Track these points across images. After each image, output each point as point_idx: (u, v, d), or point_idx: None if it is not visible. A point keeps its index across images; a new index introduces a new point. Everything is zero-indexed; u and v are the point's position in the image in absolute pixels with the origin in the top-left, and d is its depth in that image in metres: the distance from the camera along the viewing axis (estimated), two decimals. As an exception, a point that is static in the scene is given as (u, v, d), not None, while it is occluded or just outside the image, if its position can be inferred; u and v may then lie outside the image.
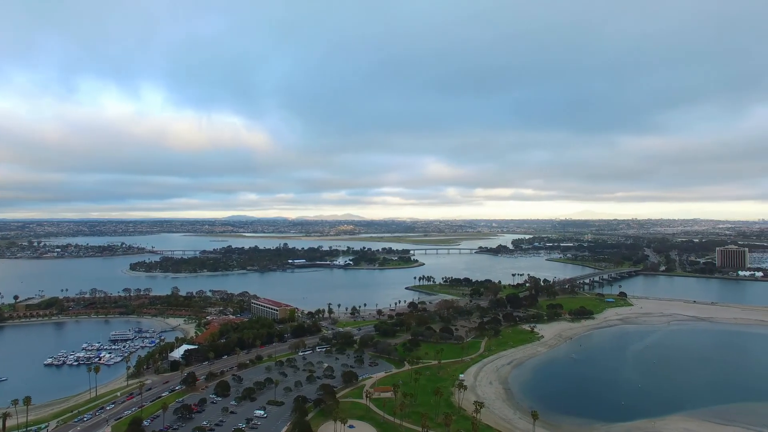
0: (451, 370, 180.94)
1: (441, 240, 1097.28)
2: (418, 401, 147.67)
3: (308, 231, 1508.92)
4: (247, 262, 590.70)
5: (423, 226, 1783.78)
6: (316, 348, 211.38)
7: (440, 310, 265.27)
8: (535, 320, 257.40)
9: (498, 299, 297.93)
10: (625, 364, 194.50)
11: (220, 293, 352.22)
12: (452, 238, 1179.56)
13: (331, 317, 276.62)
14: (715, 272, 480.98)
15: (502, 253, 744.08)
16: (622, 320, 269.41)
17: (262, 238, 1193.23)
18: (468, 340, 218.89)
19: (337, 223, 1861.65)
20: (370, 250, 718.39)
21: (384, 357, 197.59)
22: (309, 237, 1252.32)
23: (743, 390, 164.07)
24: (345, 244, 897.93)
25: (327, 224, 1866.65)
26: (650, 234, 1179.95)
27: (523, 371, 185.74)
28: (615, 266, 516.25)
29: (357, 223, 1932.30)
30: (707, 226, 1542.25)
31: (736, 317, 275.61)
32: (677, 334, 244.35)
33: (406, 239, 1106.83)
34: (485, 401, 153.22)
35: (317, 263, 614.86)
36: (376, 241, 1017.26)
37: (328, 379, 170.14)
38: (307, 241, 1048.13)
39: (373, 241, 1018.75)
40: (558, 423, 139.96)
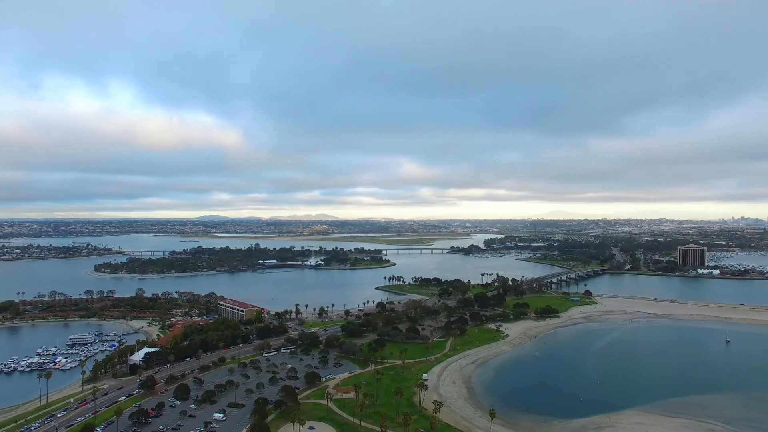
0: (415, 370, 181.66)
1: (414, 240, 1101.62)
2: (380, 401, 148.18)
3: (281, 231, 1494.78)
4: (216, 263, 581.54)
5: (397, 226, 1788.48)
6: (281, 349, 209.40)
7: (408, 310, 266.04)
8: (502, 319, 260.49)
9: (466, 299, 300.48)
10: (586, 361, 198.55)
11: (186, 294, 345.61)
12: (425, 238, 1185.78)
13: (298, 318, 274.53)
14: (677, 270, 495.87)
15: (473, 252, 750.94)
16: (585, 318, 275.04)
17: (234, 238, 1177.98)
18: (434, 340, 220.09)
19: (311, 223, 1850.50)
20: (342, 251, 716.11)
21: (349, 357, 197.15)
22: (282, 237, 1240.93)
23: (692, 383, 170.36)
24: (317, 244, 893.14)
25: (300, 224, 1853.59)
26: (618, 233, 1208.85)
27: (486, 370, 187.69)
28: (582, 265, 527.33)
29: (331, 223, 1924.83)
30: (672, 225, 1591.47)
31: (692, 314, 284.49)
32: (637, 331, 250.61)
33: (379, 239, 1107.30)
34: (447, 400, 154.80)
35: (288, 263, 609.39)
36: (350, 241, 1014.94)
37: (292, 380, 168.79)
38: (280, 241, 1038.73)
39: (347, 241, 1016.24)
40: (517, 420, 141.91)
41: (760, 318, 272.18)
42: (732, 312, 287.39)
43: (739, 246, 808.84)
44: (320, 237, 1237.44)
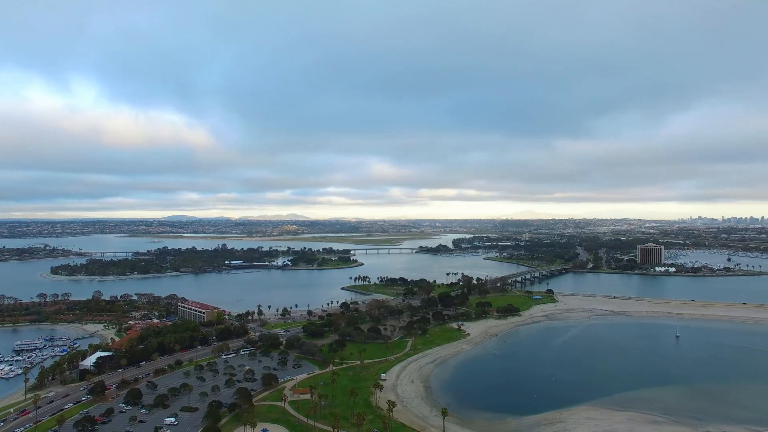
0: (374, 370, 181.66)
1: (383, 240, 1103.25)
2: (336, 402, 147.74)
3: (250, 231, 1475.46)
4: (181, 264, 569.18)
5: (367, 226, 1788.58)
6: (241, 351, 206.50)
7: (371, 310, 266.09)
8: (464, 318, 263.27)
9: (430, 298, 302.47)
10: (544, 359, 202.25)
11: (146, 296, 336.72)
12: (395, 238, 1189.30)
13: (260, 319, 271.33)
14: (636, 268, 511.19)
15: (441, 252, 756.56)
16: (546, 316, 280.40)
17: (201, 238, 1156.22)
18: (395, 340, 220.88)
19: (281, 223, 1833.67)
20: (311, 251, 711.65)
21: (308, 358, 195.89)
22: (251, 237, 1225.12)
23: (642, 378, 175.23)
24: (286, 244, 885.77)
25: (270, 224, 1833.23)
26: (584, 233, 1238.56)
27: (445, 369, 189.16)
28: (547, 264, 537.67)
29: (301, 223, 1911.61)
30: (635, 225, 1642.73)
31: (647, 310, 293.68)
32: (595, 328, 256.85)
33: (348, 239, 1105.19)
34: (404, 400, 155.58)
35: (255, 264, 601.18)
36: (319, 241, 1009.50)
37: (249, 382, 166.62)
38: (249, 241, 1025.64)
39: (316, 241, 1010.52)
40: (472, 418, 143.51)
41: (708, 313, 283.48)
42: (683, 308, 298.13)
43: (695, 244, 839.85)
44: (290, 237, 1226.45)
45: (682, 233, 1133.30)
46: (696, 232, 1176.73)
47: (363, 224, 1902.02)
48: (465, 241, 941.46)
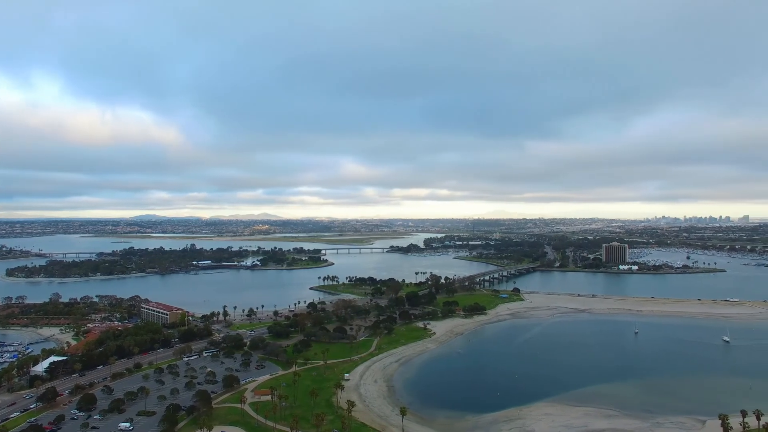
0: (338, 370, 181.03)
1: (355, 239, 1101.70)
2: (297, 403, 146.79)
3: (221, 231, 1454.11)
4: (147, 265, 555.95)
5: (340, 225, 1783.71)
6: (204, 352, 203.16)
7: (337, 310, 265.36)
8: (430, 317, 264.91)
9: (398, 298, 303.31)
10: (507, 357, 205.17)
11: (108, 298, 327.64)
12: (367, 238, 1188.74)
13: (225, 320, 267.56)
14: (601, 267, 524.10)
15: (412, 252, 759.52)
16: (511, 315, 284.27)
17: (170, 238, 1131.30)
18: (360, 340, 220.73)
19: (253, 223, 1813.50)
20: (281, 251, 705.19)
21: (272, 359, 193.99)
22: (221, 237, 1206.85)
23: (601, 373, 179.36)
24: (257, 244, 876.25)
25: (242, 224, 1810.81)
26: (553, 232, 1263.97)
27: (409, 368, 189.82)
28: (515, 263, 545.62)
29: (273, 222, 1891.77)
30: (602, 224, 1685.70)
31: (609, 307, 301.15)
32: (558, 326, 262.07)
33: (320, 239, 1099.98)
34: (366, 399, 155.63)
35: (223, 264, 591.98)
36: (291, 241, 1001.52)
37: (210, 384, 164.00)
38: (219, 241, 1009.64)
39: (288, 241, 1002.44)
40: (433, 417, 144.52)
41: (666, 309, 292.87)
42: (643, 305, 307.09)
43: (658, 243, 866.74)
44: (261, 237, 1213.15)
45: (646, 232, 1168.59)
46: (659, 231, 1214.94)
47: (335, 224, 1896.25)
48: (436, 241, 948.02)
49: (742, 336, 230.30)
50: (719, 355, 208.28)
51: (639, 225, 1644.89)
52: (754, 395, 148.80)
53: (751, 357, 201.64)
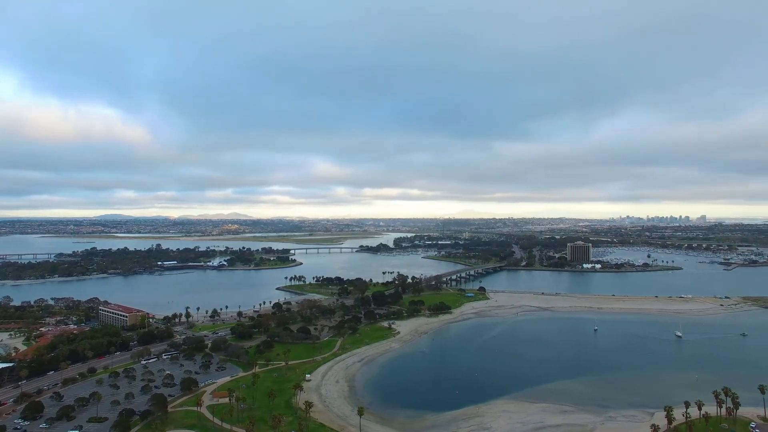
0: (300, 371, 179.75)
1: (325, 239, 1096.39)
2: (256, 405, 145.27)
3: (189, 231, 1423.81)
4: (109, 265, 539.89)
5: (310, 225, 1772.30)
6: (163, 355, 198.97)
7: (302, 310, 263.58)
8: (395, 317, 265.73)
9: (364, 297, 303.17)
10: (470, 355, 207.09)
11: (64, 301, 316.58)
12: (337, 237, 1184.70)
13: (188, 321, 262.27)
14: (566, 265, 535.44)
15: (381, 251, 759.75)
16: (476, 314, 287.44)
17: (136, 238, 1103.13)
18: (324, 340, 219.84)
19: (222, 223, 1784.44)
20: (249, 250, 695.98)
21: (234, 360, 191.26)
22: (189, 237, 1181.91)
23: (559, 370, 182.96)
24: (225, 244, 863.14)
25: (211, 224, 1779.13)
26: (522, 232, 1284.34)
27: (372, 368, 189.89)
28: (483, 262, 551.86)
29: (243, 222, 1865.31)
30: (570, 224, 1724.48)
31: (571, 305, 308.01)
32: (521, 324, 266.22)
33: (290, 239, 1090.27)
34: (327, 400, 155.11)
35: (189, 265, 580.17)
36: (260, 241, 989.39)
37: (167, 387, 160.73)
38: (186, 241, 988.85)
39: (257, 241, 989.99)
40: (392, 416, 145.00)
41: (624, 306, 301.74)
42: (604, 302, 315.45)
43: (621, 242, 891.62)
44: (230, 237, 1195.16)
45: (611, 232, 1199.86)
46: (623, 230, 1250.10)
47: (306, 223, 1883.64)
48: (406, 240, 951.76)
49: (692, 331, 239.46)
50: (671, 349, 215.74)
51: (605, 224, 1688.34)
52: (699, 387, 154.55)
53: (699, 350, 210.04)
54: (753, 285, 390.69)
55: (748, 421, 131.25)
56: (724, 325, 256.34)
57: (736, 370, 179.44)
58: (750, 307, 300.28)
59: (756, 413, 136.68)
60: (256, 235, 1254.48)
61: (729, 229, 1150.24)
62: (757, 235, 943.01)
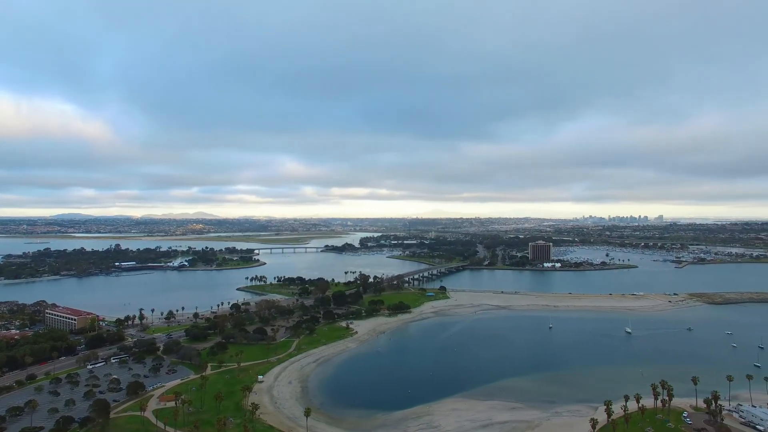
0: (253, 372, 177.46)
1: (291, 239, 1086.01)
2: (205, 408, 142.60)
3: (152, 231, 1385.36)
4: (63, 267, 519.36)
5: (277, 224, 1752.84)
6: (111, 359, 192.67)
7: (260, 311, 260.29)
8: (354, 317, 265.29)
9: (324, 297, 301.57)
10: (425, 354, 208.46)
11: (8, 304, 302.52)
12: (303, 237, 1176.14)
13: (141, 323, 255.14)
14: (527, 264, 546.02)
15: (347, 251, 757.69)
16: (435, 313, 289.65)
17: (94, 238, 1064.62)
18: (280, 340, 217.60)
19: (187, 222, 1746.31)
20: (212, 250, 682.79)
21: (186, 363, 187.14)
22: (151, 237, 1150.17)
23: (511, 368, 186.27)
24: (188, 244, 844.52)
25: (175, 223, 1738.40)
26: (488, 231, 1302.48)
27: (327, 368, 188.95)
28: (446, 262, 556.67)
29: (208, 222, 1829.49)
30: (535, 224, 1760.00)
31: (529, 304, 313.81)
32: (479, 323, 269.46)
33: (255, 238, 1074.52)
34: (278, 401, 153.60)
35: (148, 265, 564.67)
36: (225, 241, 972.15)
37: (113, 392, 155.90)
38: (148, 241, 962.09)
39: (222, 241, 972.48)
40: (343, 416, 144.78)
41: (580, 304, 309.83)
42: (560, 300, 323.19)
43: (582, 241, 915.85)
44: (194, 237, 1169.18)
45: (574, 231, 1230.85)
46: (585, 230, 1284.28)
47: (273, 223, 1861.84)
48: (372, 240, 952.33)
49: (641, 327, 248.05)
50: (621, 345, 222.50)
51: (568, 224, 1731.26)
52: (644, 380, 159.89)
53: (647, 345, 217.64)
54: (700, 282, 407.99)
55: (681, 411, 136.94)
56: (671, 321, 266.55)
57: (679, 363, 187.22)
58: (695, 303, 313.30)
59: (689, 403, 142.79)
60: (221, 235, 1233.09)
61: (683, 228, 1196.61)
62: (707, 234, 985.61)
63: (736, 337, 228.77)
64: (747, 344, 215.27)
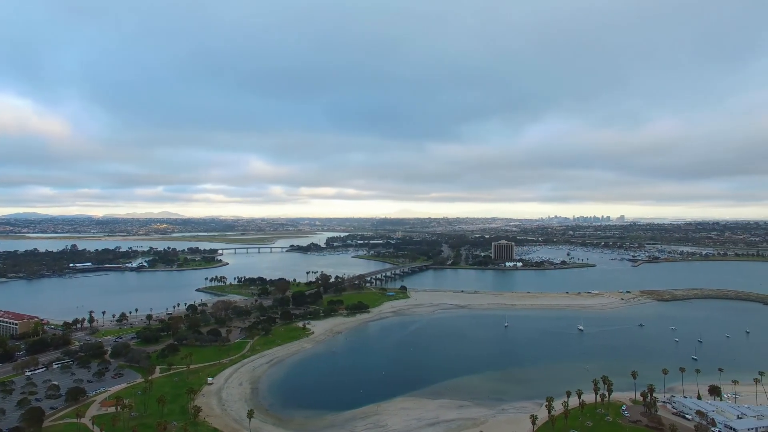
0: (203, 374, 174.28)
1: (257, 239, 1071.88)
2: (148, 412, 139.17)
3: (113, 231, 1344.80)
4: (11, 269, 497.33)
5: (244, 224, 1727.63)
6: (54, 364, 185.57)
7: (217, 312, 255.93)
8: (312, 317, 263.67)
9: (283, 297, 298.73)
10: (380, 354, 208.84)
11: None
12: (270, 237, 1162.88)
13: (91, 326, 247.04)
14: (490, 264, 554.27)
15: (312, 251, 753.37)
16: (394, 312, 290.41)
17: (50, 239, 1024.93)
18: (235, 341, 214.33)
19: (151, 222, 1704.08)
20: (174, 251, 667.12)
21: (134, 366, 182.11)
22: (112, 237, 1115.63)
23: (464, 366, 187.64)
24: (150, 244, 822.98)
25: (138, 223, 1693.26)
26: (455, 231, 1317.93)
27: (280, 369, 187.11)
28: (410, 261, 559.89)
29: (173, 221, 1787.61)
30: (501, 223, 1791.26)
31: (488, 303, 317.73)
32: (437, 322, 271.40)
33: (221, 238, 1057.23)
34: (226, 403, 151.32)
35: (106, 266, 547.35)
36: (189, 241, 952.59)
37: (51, 399, 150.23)
38: (109, 241, 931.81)
39: (186, 241, 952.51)
40: (291, 417, 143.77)
41: (537, 303, 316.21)
42: (518, 299, 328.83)
43: (546, 241, 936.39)
44: (158, 237, 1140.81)
45: (538, 231, 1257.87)
46: (550, 230, 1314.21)
47: (240, 223, 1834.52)
48: (338, 240, 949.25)
49: (593, 324, 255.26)
50: (573, 342, 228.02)
51: (534, 224, 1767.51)
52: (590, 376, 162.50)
53: (596, 342, 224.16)
54: (652, 280, 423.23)
55: (620, 405, 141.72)
56: (621, 318, 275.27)
57: (624, 358, 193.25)
58: (646, 300, 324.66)
59: (629, 397, 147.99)
60: (185, 235, 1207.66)
61: (642, 228, 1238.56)
62: (664, 233, 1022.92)
63: (679, 332, 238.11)
64: (688, 338, 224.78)
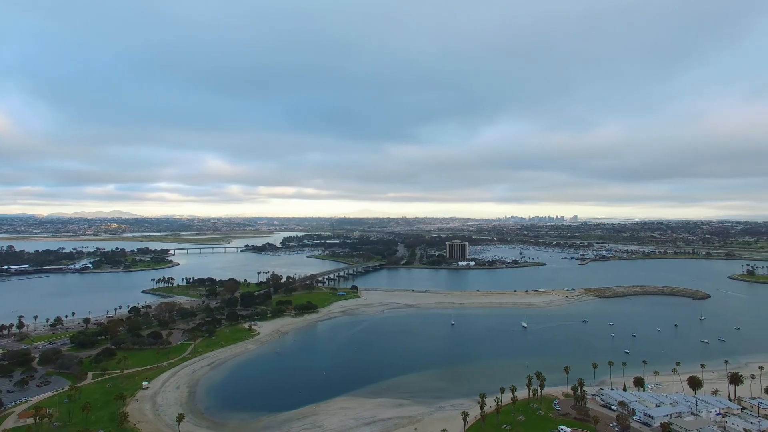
0: (139, 379, 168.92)
1: (212, 239, 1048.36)
2: (74, 420, 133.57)
3: (59, 231, 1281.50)
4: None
5: (199, 224, 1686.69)
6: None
7: (160, 314, 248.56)
8: (259, 317, 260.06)
9: (232, 298, 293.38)
10: (325, 354, 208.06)
11: None
12: (225, 237, 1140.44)
13: (20, 332, 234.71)
14: (443, 263, 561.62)
15: (267, 251, 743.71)
16: (343, 312, 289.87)
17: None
18: (176, 344, 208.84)
19: (101, 221, 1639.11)
20: (123, 251, 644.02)
21: (64, 373, 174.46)
22: (57, 237, 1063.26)
23: (407, 365, 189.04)
24: (98, 244, 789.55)
25: (87, 222, 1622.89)
26: (413, 231, 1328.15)
27: (220, 371, 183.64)
28: (365, 261, 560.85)
29: (124, 221, 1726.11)
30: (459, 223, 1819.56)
31: (437, 302, 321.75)
32: (385, 321, 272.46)
33: (174, 238, 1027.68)
34: (161, 408, 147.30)
35: (45, 268, 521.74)
36: (140, 241, 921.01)
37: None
38: (52, 242, 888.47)
39: (137, 241, 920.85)
40: (227, 420, 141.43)
41: (485, 301, 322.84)
42: (467, 298, 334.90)
43: (500, 240, 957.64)
44: (107, 237, 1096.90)
45: (494, 231, 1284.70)
46: (505, 229, 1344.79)
47: (195, 222, 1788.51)
48: (294, 240, 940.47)
49: (537, 321, 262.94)
50: (516, 339, 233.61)
51: (491, 224, 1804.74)
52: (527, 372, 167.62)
53: (538, 339, 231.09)
54: (597, 277, 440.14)
55: (552, 399, 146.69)
56: (565, 315, 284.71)
57: (562, 354, 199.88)
58: (589, 297, 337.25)
59: (561, 391, 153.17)
60: (137, 235, 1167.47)
61: (592, 228, 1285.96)
62: (612, 233, 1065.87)
63: (616, 328, 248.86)
64: (624, 333, 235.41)
